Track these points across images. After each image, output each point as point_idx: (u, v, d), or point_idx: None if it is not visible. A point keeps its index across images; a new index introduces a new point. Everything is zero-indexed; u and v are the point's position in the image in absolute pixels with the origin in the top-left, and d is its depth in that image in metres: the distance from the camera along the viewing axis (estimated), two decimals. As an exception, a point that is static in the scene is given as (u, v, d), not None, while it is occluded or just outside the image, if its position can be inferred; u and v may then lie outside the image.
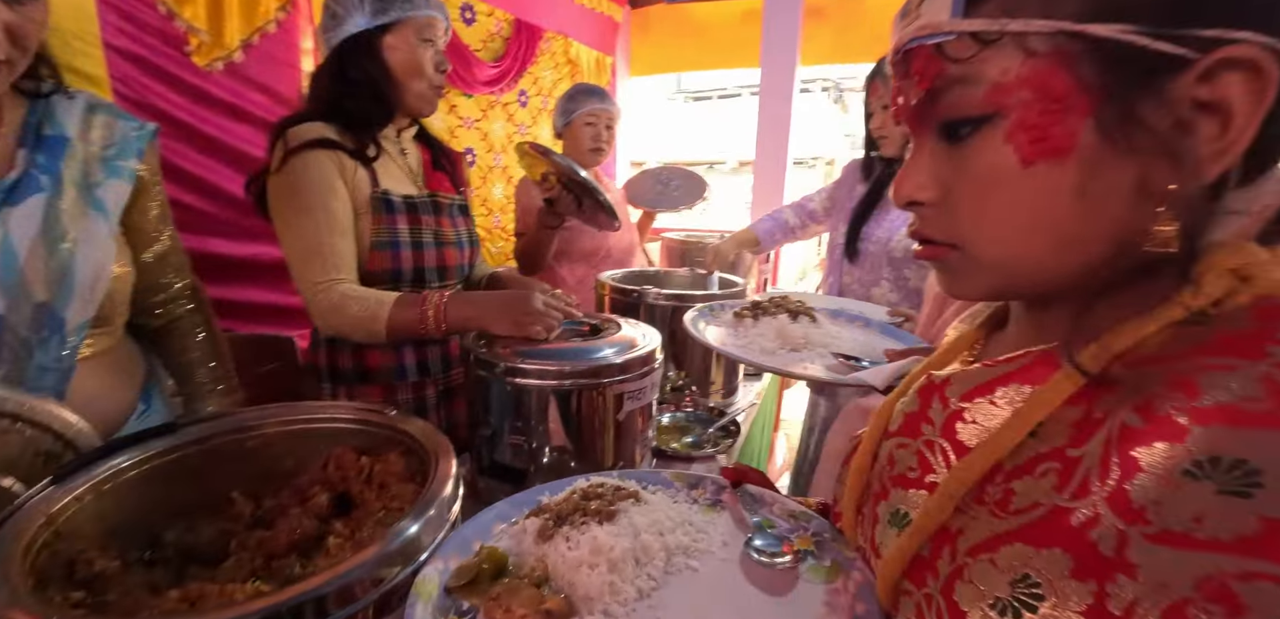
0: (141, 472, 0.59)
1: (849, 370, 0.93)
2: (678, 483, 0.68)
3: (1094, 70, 0.33)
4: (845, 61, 3.58)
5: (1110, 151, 0.33)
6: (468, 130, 2.79)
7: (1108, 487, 0.32)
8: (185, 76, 1.64)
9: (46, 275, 0.73)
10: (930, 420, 0.44)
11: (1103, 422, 0.34)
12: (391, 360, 1.18)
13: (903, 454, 0.46)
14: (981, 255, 0.39)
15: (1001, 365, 0.41)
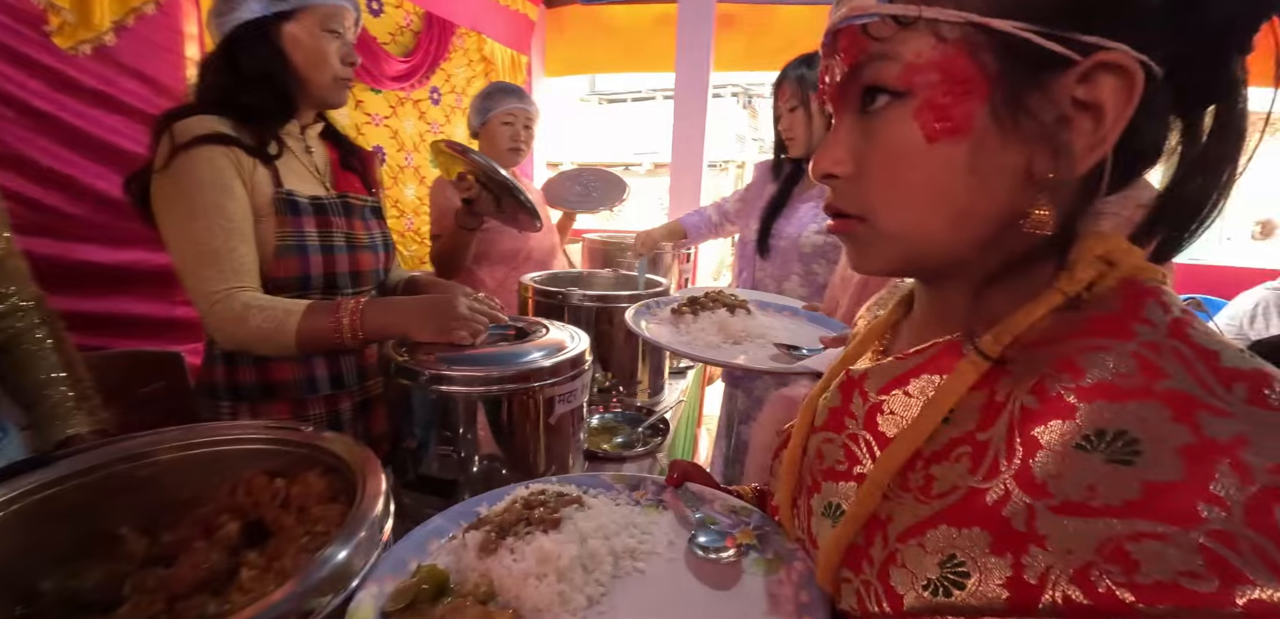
0: (9, 513, 0.51)
1: (792, 359, 0.97)
2: (618, 485, 0.68)
3: (993, 60, 0.36)
4: (755, 69, 3.73)
5: (1001, 136, 0.37)
6: (376, 128, 2.65)
7: (1014, 465, 0.35)
8: (44, 59, 1.45)
9: None
10: (853, 414, 0.46)
11: (1004, 405, 0.37)
12: (301, 373, 1.09)
13: (830, 448, 0.48)
14: (886, 227, 0.42)
15: (912, 358, 0.44)
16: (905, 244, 0.42)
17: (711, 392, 2.75)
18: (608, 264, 2.13)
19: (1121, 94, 0.35)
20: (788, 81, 1.58)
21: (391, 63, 2.60)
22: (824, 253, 1.56)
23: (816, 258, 1.58)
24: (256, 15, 1.02)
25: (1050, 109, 0.36)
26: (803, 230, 1.60)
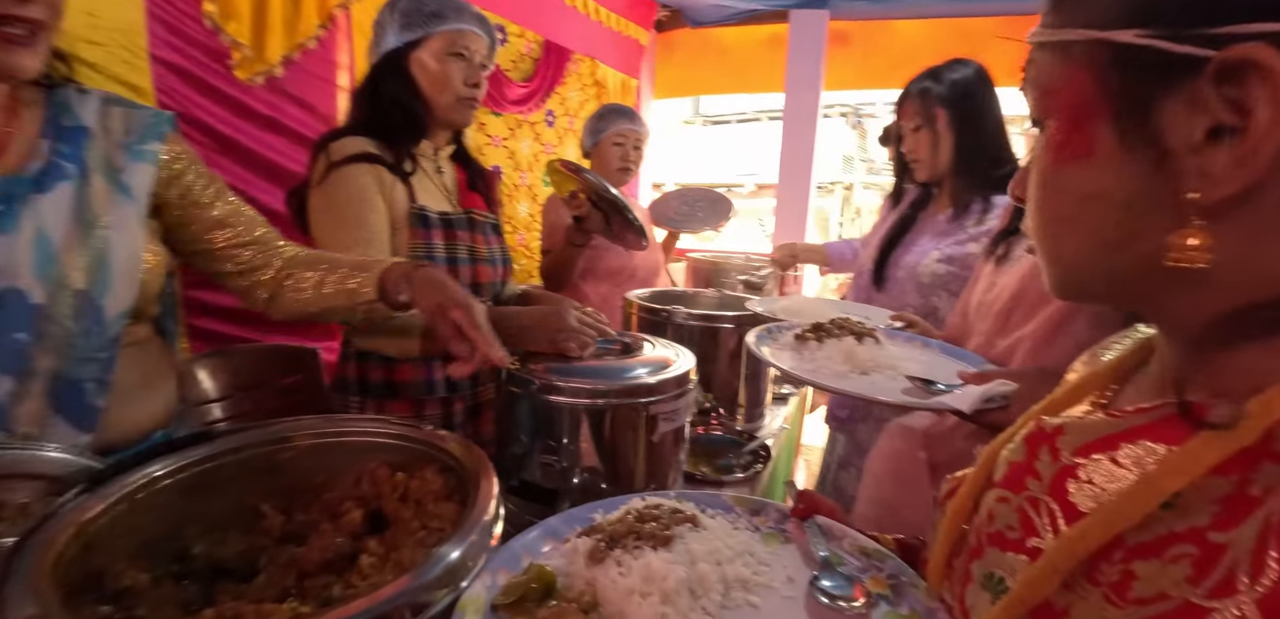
0: (175, 481, 0.57)
1: (928, 394, 0.89)
2: (739, 507, 0.65)
3: (1115, 75, 0.33)
4: (868, 88, 3.57)
5: (1129, 158, 0.33)
6: (496, 148, 2.81)
7: (1261, 587, 0.27)
8: (227, 89, 1.67)
9: (84, 262, 0.72)
10: (1037, 474, 0.39)
11: (1259, 501, 0.28)
12: (421, 375, 1.16)
13: (1003, 509, 0.41)
14: (1041, 249, 0.40)
15: (1131, 417, 0.36)
16: (1060, 271, 0.39)
17: (811, 421, 2.62)
18: (710, 283, 2.11)
19: (1272, 96, 0.28)
20: (911, 98, 1.46)
21: (512, 88, 2.76)
22: (945, 284, 1.42)
23: (936, 289, 1.43)
24: (392, 46, 1.13)
25: (1183, 121, 0.31)
26: (923, 259, 1.47)
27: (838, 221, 8.29)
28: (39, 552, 0.43)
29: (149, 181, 0.81)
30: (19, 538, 0.44)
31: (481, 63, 1.18)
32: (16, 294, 0.67)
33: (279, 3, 1.75)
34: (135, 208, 0.78)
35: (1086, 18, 0.34)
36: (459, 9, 1.14)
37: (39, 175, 0.71)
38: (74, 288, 0.71)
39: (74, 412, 0.72)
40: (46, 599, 0.39)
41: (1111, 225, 0.35)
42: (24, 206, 0.69)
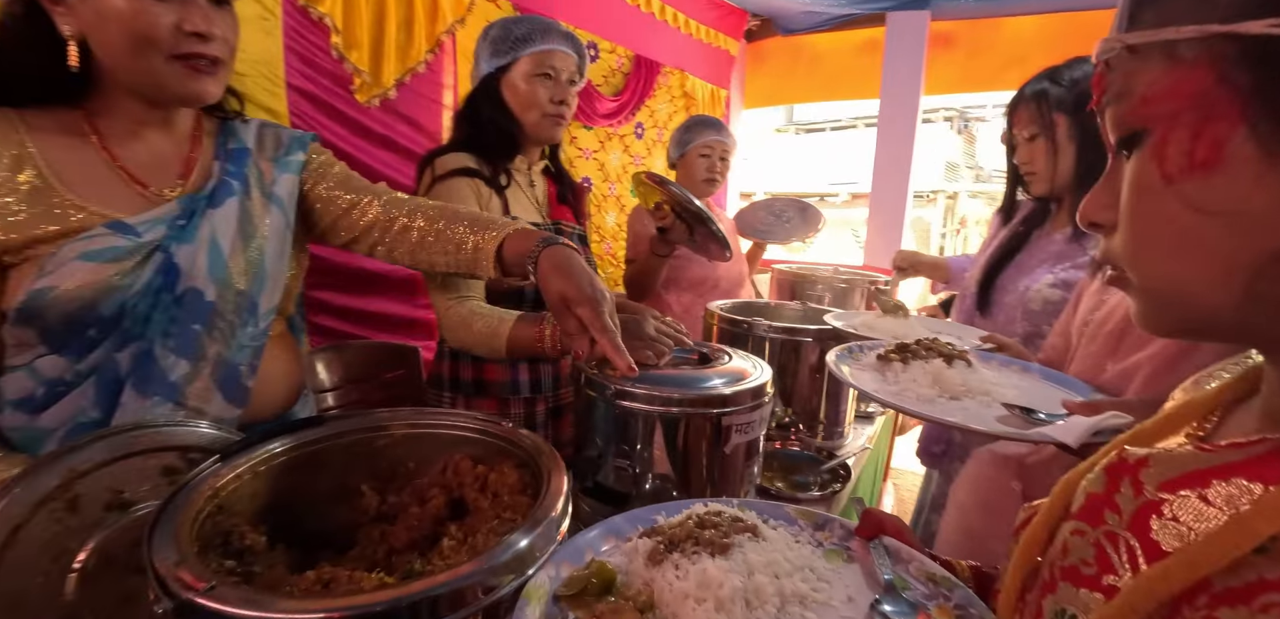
0: (290, 458, 0.65)
1: (1027, 424, 0.81)
2: (802, 521, 0.64)
3: (1247, 73, 0.29)
4: (973, 90, 3.35)
5: (1270, 164, 0.29)
6: (586, 161, 2.91)
7: None
8: (349, 111, 1.85)
9: (245, 267, 0.85)
10: (1117, 507, 0.37)
11: None
12: (507, 375, 1.23)
13: (1078, 543, 0.39)
14: (1141, 281, 0.37)
15: (1225, 452, 0.33)
16: (1166, 302, 0.36)
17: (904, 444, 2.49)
18: (795, 296, 2.06)
19: None
20: (1026, 103, 1.33)
21: (603, 102, 2.85)
22: (1057, 312, 1.27)
23: (1048, 316, 1.29)
24: (486, 71, 1.22)
25: None
26: (1034, 283, 1.33)
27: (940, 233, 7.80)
28: (181, 509, 0.51)
29: (293, 188, 0.93)
30: (166, 497, 0.52)
31: (569, 79, 1.23)
32: (195, 293, 0.80)
33: (394, 32, 1.92)
34: (283, 218, 0.90)
35: (1200, 12, 0.31)
36: (545, 30, 1.21)
37: (212, 191, 0.84)
38: (237, 288, 0.84)
39: (230, 390, 0.84)
40: (185, 548, 0.46)
41: (1244, 245, 0.31)
42: (202, 220, 0.82)
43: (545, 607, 0.49)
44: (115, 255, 0.75)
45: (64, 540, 0.55)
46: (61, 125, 0.78)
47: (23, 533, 0.53)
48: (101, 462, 0.58)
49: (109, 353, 0.77)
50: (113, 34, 0.73)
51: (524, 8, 2.33)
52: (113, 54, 0.74)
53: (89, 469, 0.57)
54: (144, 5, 0.72)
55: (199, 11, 0.75)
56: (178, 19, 0.74)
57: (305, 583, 0.49)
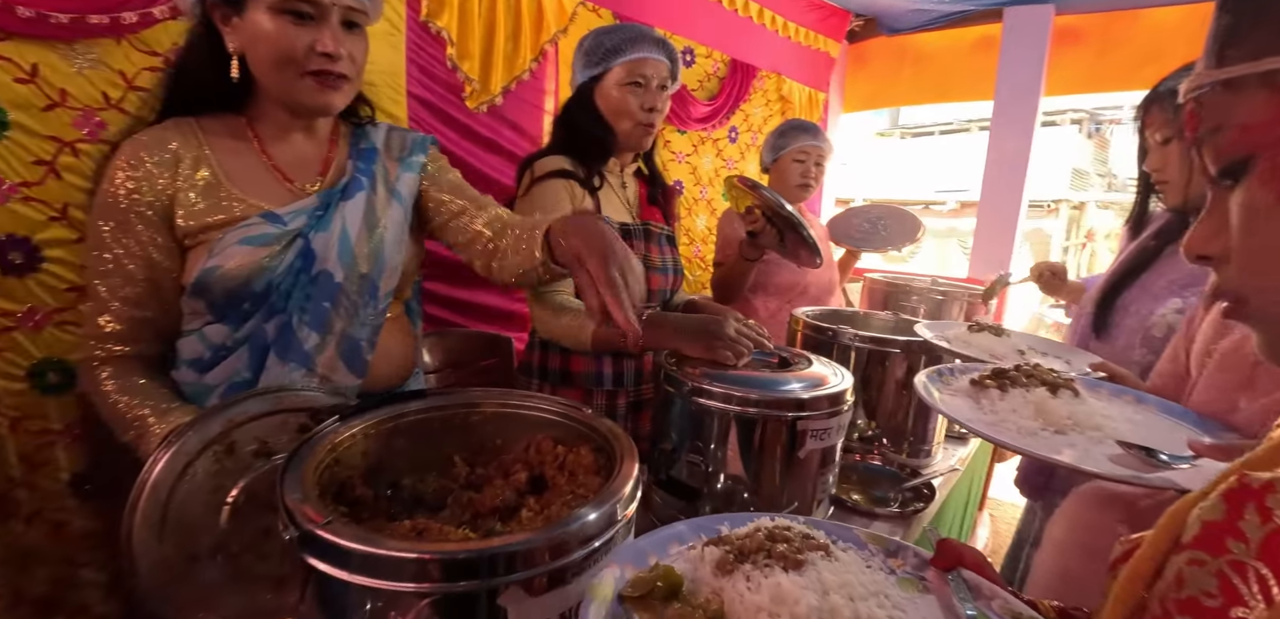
0: (397, 425, 0.73)
1: (1147, 466, 0.73)
2: (873, 546, 0.61)
3: None
4: (1102, 90, 3.03)
5: None
6: (679, 164, 2.95)
7: None
8: (460, 117, 2.02)
9: (368, 253, 0.97)
10: (1242, 535, 0.35)
11: None
12: (592, 367, 1.29)
13: (1196, 574, 0.37)
14: (1263, 308, 0.37)
15: None
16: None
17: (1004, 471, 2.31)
18: (888, 306, 1.99)
19: None
20: (1160, 102, 1.20)
21: (697, 106, 2.88)
22: None
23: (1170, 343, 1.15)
24: (580, 81, 1.30)
25: None
26: (1159, 306, 1.20)
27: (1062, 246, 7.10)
28: (307, 458, 0.59)
29: (414, 186, 1.05)
30: (295, 446, 0.61)
31: (660, 85, 1.28)
32: (327, 274, 0.93)
33: (503, 42, 2.05)
34: (402, 211, 1.02)
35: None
36: (636, 40, 1.26)
37: (345, 186, 0.97)
38: (361, 272, 0.96)
39: (352, 362, 0.97)
40: (309, 490, 0.54)
41: None
42: (336, 211, 0.95)
43: (610, 607, 0.49)
44: (266, 241, 0.89)
45: (221, 478, 0.66)
46: (229, 130, 0.93)
47: (192, 468, 0.64)
48: (253, 415, 0.70)
49: (259, 323, 0.91)
50: (262, 51, 0.87)
51: (622, 15, 2.41)
52: (262, 69, 0.89)
53: (243, 421, 0.68)
54: (285, 29, 0.85)
55: (329, 34, 0.87)
56: (312, 41, 0.86)
57: (402, 529, 0.56)
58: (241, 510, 0.67)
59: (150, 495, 0.62)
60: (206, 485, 0.65)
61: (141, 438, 0.82)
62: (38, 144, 1.30)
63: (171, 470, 0.63)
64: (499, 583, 0.48)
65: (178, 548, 0.63)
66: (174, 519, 0.63)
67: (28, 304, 1.33)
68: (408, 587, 0.46)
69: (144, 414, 0.83)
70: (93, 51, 1.34)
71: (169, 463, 0.63)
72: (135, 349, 0.89)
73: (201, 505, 0.65)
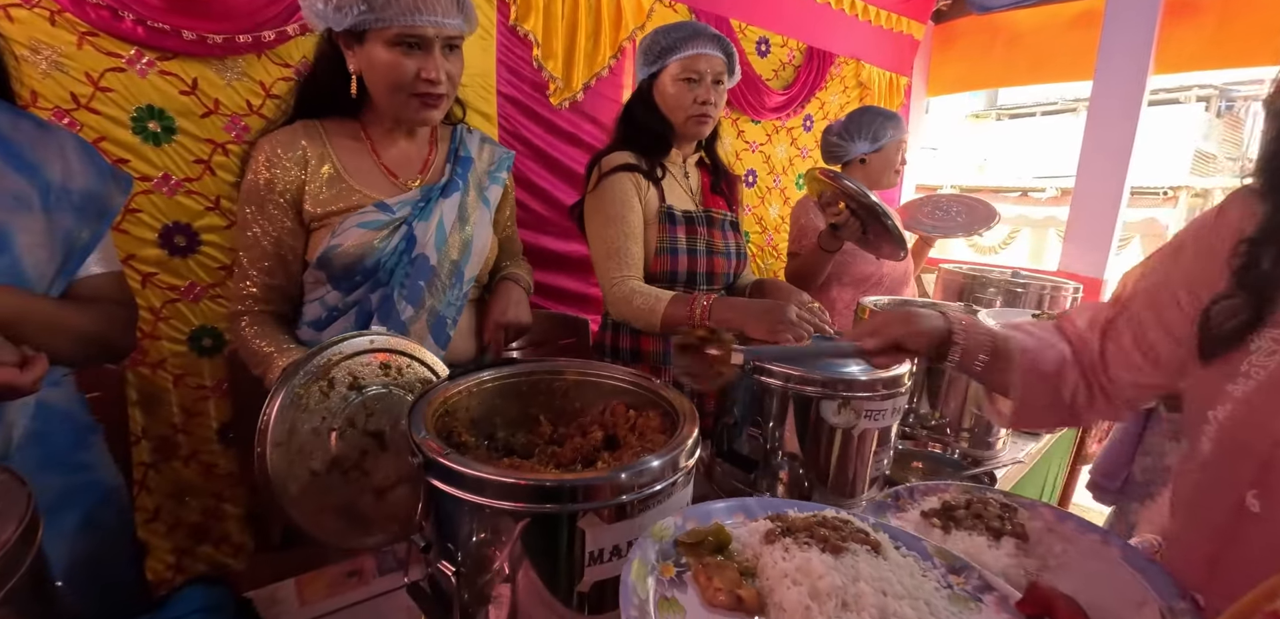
0: (495, 386, 0.86)
1: None
2: (938, 559, 0.62)
3: None
4: (1222, 66, 2.76)
5: None
6: (752, 153, 2.98)
7: None
8: (544, 113, 2.16)
9: (459, 243, 1.15)
10: None
11: None
12: (661, 346, 1.39)
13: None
14: None
15: None
16: None
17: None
18: (962, 297, 1.95)
19: None
20: None
21: (771, 95, 2.89)
22: None
23: None
24: (641, 78, 1.38)
25: None
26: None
27: (1180, 238, 6.46)
28: (426, 406, 0.73)
29: (497, 198, 1.24)
30: (417, 397, 0.75)
31: (715, 79, 1.34)
32: (423, 258, 1.10)
33: (583, 41, 2.17)
34: (488, 213, 1.21)
35: None
36: (690, 36, 1.32)
37: (444, 185, 1.15)
38: (452, 259, 1.14)
39: (438, 335, 1.14)
40: (429, 430, 0.67)
41: None
42: (435, 205, 1.12)
43: (664, 546, 0.57)
44: (377, 226, 1.06)
45: (327, 407, 0.81)
46: (347, 132, 1.11)
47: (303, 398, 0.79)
48: (348, 354, 0.84)
49: (366, 293, 1.09)
50: (377, 76, 1.04)
51: (697, 10, 2.46)
52: (376, 89, 1.05)
53: (339, 359, 0.83)
54: (398, 59, 1.02)
55: (433, 63, 1.04)
56: (418, 68, 1.03)
57: (500, 465, 0.68)
58: (345, 435, 0.82)
59: (278, 420, 0.76)
60: (317, 412, 0.81)
61: (268, 370, 1.02)
62: (197, 146, 1.54)
63: (288, 401, 0.78)
64: (578, 508, 0.58)
65: (300, 464, 0.79)
66: (295, 442, 0.78)
67: (188, 280, 1.58)
68: (507, 504, 0.58)
69: (271, 351, 1.04)
70: (239, 65, 1.57)
71: (286, 395, 0.77)
72: (269, 308, 1.10)
73: (313, 429, 0.80)
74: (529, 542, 0.59)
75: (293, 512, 0.77)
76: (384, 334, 0.90)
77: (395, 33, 0.99)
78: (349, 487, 0.82)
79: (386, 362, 0.88)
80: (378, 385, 0.86)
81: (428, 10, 1.00)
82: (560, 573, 0.61)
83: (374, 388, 0.86)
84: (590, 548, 0.60)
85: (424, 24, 1.00)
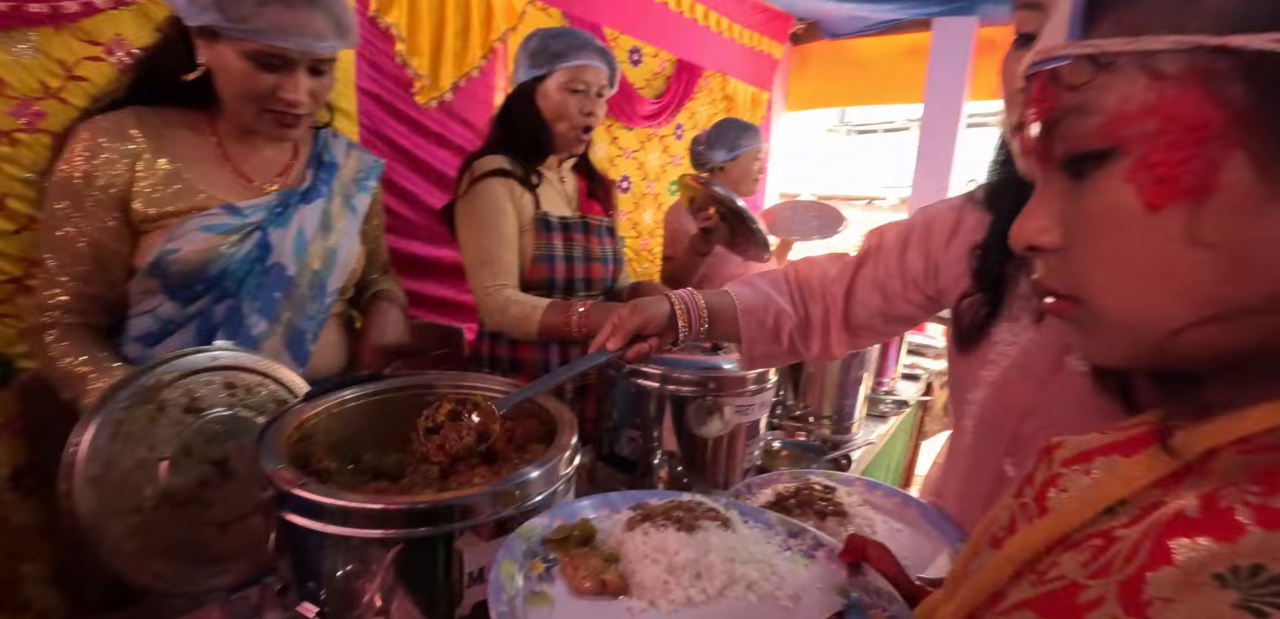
0: (358, 404, 0.80)
1: None
2: (779, 525, 0.68)
3: (1243, 91, 0.26)
4: (1019, 98, 3.29)
5: (1267, 189, 0.27)
6: (626, 160, 3.04)
7: (1127, 572, 0.29)
8: (410, 112, 2.05)
9: (321, 253, 1.05)
10: (1032, 481, 0.41)
11: (1162, 507, 0.30)
12: (539, 355, 1.37)
13: (1002, 512, 0.42)
14: (1103, 311, 0.33)
15: (1114, 433, 0.37)
16: (1137, 333, 0.32)
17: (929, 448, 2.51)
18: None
19: None
20: None
21: (644, 104, 2.97)
22: None
23: None
24: (523, 79, 1.34)
25: None
26: None
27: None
28: (278, 431, 0.66)
29: (365, 207, 1.15)
30: (267, 421, 0.68)
31: (598, 92, 1.35)
32: (279, 267, 1.00)
33: (452, 39, 2.09)
34: (355, 222, 1.12)
35: (1181, 20, 0.28)
36: (580, 47, 1.32)
37: (306, 191, 1.05)
38: (313, 269, 1.04)
39: (297, 350, 1.04)
40: (282, 459, 0.61)
41: (1213, 277, 0.29)
42: (294, 211, 1.02)
43: (533, 544, 0.58)
44: (225, 230, 0.95)
45: (155, 434, 0.72)
46: (190, 123, 0.98)
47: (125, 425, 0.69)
48: (184, 372, 0.74)
49: (209, 304, 0.97)
50: (228, 83, 0.92)
51: (571, 15, 2.47)
52: (225, 94, 0.94)
53: (171, 379, 0.73)
54: (253, 73, 0.90)
55: (293, 83, 0.93)
56: (276, 86, 0.92)
57: (366, 491, 0.64)
58: (180, 465, 0.73)
59: (89, 454, 0.66)
60: (143, 440, 0.71)
61: (82, 393, 0.87)
62: (-29, 134, 1.28)
63: (106, 428, 0.68)
64: (454, 529, 0.56)
65: (121, 501, 0.68)
66: (115, 476, 0.68)
67: (-38, 297, 1.32)
68: (377, 532, 0.54)
69: (86, 370, 0.88)
70: (31, 38, 1.33)
71: (102, 421, 0.68)
72: (83, 320, 0.94)
73: (138, 461, 0.70)
74: (402, 570, 0.56)
75: (113, 560, 0.67)
76: (230, 349, 0.81)
77: (253, 48, 0.88)
78: (184, 523, 0.73)
79: (232, 380, 0.79)
80: (221, 407, 0.77)
81: (295, 31, 0.88)
82: (438, 599, 0.59)
83: (217, 410, 0.77)
84: (469, 569, 0.58)
85: (288, 47, 0.89)
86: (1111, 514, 0.33)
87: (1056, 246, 0.35)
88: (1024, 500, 0.40)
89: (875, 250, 0.96)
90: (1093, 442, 0.38)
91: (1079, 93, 0.31)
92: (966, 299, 0.80)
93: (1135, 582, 0.28)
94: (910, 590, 0.56)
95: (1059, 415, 0.68)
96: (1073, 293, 0.35)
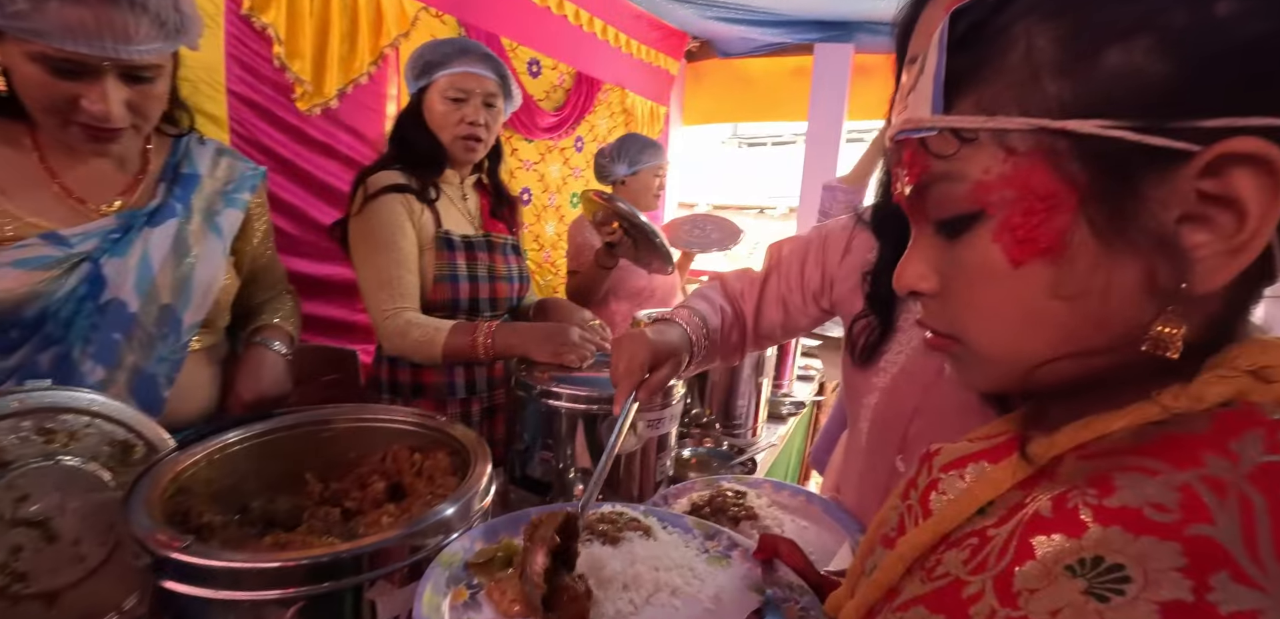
0: (243, 448, 0.73)
1: None
2: (696, 529, 0.71)
3: (1080, 167, 0.31)
4: (891, 119, 3.67)
5: (1104, 250, 0.31)
6: (527, 172, 3.00)
7: (999, 567, 0.33)
8: (290, 119, 1.89)
9: (172, 283, 0.89)
10: (916, 485, 0.45)
11: (1024, 507, 0.34)
12: (443, 378, 1.32)
13: (891, 514, 0.46)
14: (982, 351, 0.38)
15: (981, 441, 0.42)
16: (1007, 368, 0.37)
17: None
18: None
19: (1263, 185, 0.28)
20: None
21: (543, 116, 2.95)
22: None
23: None
24: (411, 92, 1.29)
25: (1166, 213, 0.30)
26: None
27: (869, 248, 8.28)
28: (149, 488, 0.59)
29: (236, 224, 0.99)
30: (136, 476, 0.60)
31: (485, 101, 1.28)
32: (119, 304, 0.84)
33: (337, 44, 1.96)
34: (221, 244, 0.96)
35: (1027, 102, 0.32)
36: (457, 53, 1.27)
37: (153, 212, 0.89)
38: (161, 302, 0.88)
39: (147, 399, 0.87)
40: (155, 519, 0.54)
41: (1069, 319, 0.33)
42: (137, 236, 0.87)
43: (455, 570, 0.57)
44: (45, 264, 0.79)
45: None
46: (5, 138, 0.81)
47: None
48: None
49: (31, 354, 0.81)
50: (23, 90, 0.77)
51: (466, 23, 2.40)
52: (25, 101, 0.78)
53: None
54: (46, 79, 0.75)
55: (96, 93, 0.77)
56: (76, 95, 0.76)
57: (263, 545, 0.59)
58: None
59: None
60: None
61: None
62: None
63: None
64: (364, 579, 0.53)
65: None
66: None
67: None
68: (275, 594, 0.50)
69: None
70: None
71: None
72: None
73: None
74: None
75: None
76: (44, 388, 0.68)
77: (38, 51, 0.73)
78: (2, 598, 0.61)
79: (46, 425, 0.66)
80: (35, 459, 0.65)
81: (90, 33, 0.72)
82: (347, 654, 0.55)
83: (29, 463, 0.64)
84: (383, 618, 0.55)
85: (82, 51, 0.73)
86: (983, 514, 0.37)
87: (934, 292, 0.39)
88: (910, 503, 0.45)
89: (776, 266, 1.02)
90: (965, 449, 0.43)
91: (947, 162, 0.35)
92: (860, 321, 0.87)
93: (1007, 575, 0.32)
94: (818, 582, 0.61)
95: (943, 415, 0.76)
96: (951, 333, 0.39)
